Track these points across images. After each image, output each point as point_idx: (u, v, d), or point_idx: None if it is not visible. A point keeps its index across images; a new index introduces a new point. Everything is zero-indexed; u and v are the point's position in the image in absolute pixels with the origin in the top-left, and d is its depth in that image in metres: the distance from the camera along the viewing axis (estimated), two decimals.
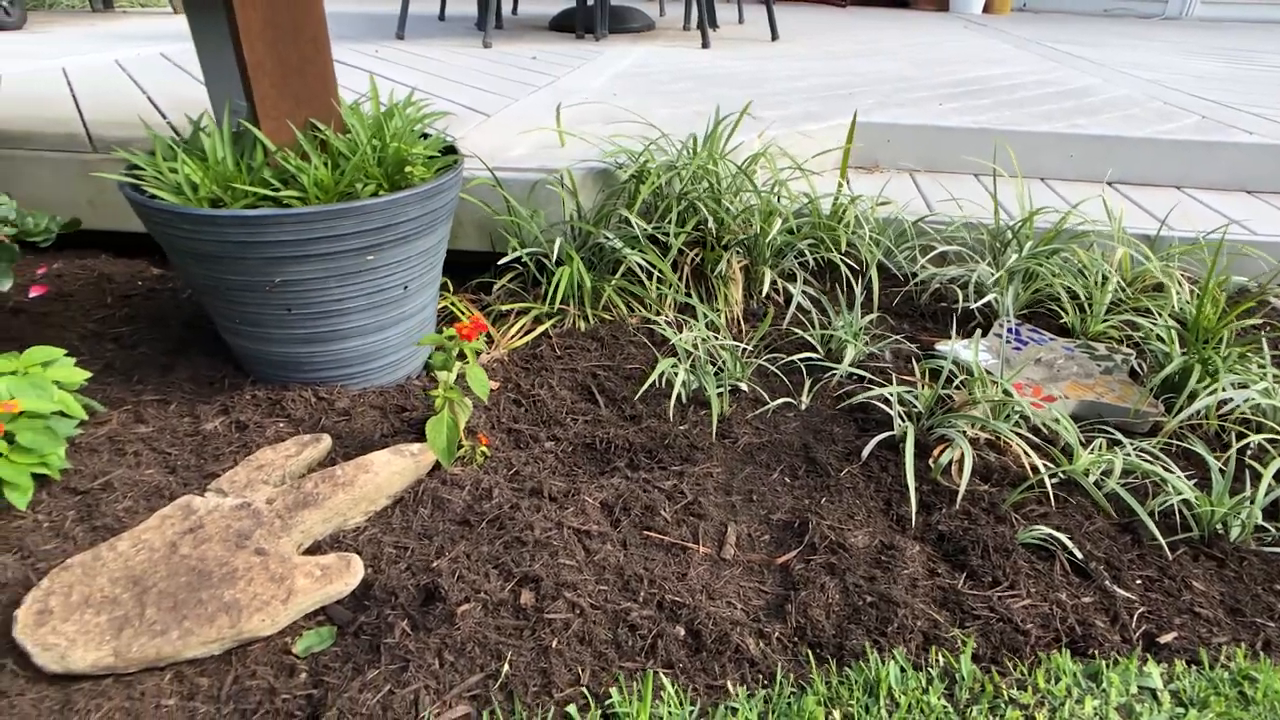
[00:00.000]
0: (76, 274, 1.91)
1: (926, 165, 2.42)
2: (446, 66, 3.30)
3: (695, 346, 1.54)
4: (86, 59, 3.32)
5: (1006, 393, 1.36)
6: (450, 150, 1.56)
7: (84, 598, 1.00)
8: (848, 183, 1.98)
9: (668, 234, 1.74)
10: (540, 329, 1.70)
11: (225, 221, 1.22)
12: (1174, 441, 1.38)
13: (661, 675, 0.94)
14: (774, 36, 4.58)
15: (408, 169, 1.38)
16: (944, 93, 2.95)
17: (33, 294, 1.78)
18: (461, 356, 1.26)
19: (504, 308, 1.76)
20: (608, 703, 0.91)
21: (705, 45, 4.14)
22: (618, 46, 4.08)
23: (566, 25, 4.69)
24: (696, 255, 1.83)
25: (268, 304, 1.35)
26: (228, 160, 1.32)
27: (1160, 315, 1.61)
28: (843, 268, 1.82)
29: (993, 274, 1.79)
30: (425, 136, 1.53)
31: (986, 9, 6.81)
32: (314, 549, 1.14)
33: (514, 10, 5.57)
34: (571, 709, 0.90)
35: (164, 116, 2.36)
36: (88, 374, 1.30)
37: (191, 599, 1.00)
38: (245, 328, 1.41)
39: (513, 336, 1.67)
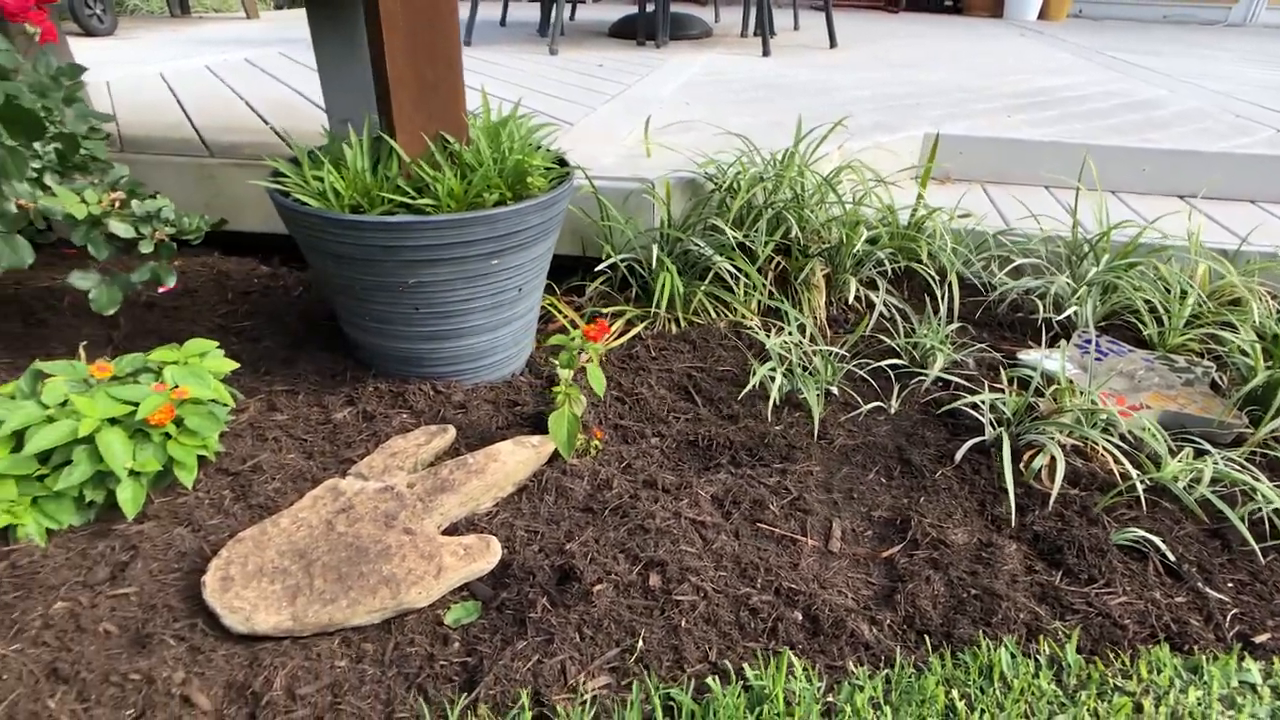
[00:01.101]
0: (197, 271, 2.04)
1: (998, 177, 2.47)
2: (518, 73, 3.41)
3: (789, 351, 1.62)
4: (178, 64, 3.49)
5: (1093, 402, 1.42)
6: (561, 162, 1.65)
7: (258, 568, 1.10)
8: (925, 195, 2.04)
9: (754, 242, 1.82)
10: (634, 331, 1.79)
11: (370, 227, 1.33)
12: (1259, 452, 1.43)
13: (792, 655, 1.02)
14: (832, 44, 4.63)
15: (528, 180, 1.47)
16: (1011, 104, 2.99)
17: (161, 290, 1.91)
18: (584, 356, 1.35)
19: (605, 310, 1.85)
20: (743, 677, 0.99)
21: (766, 53, 4.21)
22: (680, 54, 4.16)
23: (627, 32, 4.78)
24: (780, 263, 1.91)
25: (398, 303, 1.45)
26: (366, 170, 1.43)
27: (1242, 329, 1.65)
28: (926, 277, 1.88)
29: (1072, 286, 1.84)
30: (536, 148, 1.62)
31: (1042, 15, 6.78)
32: (451, 531, 1.23)
33: (571, 16, 5.69)
34: (711, 680, 0.98)
35: (265, 121, 2.50)
36: (235, 364, 1.42)
37: (353, 572, 1.10)
38: (373, 324, 1.51)
39: (609, 338, 1.76)
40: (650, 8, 4.48)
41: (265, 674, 0.99)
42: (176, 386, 1.29)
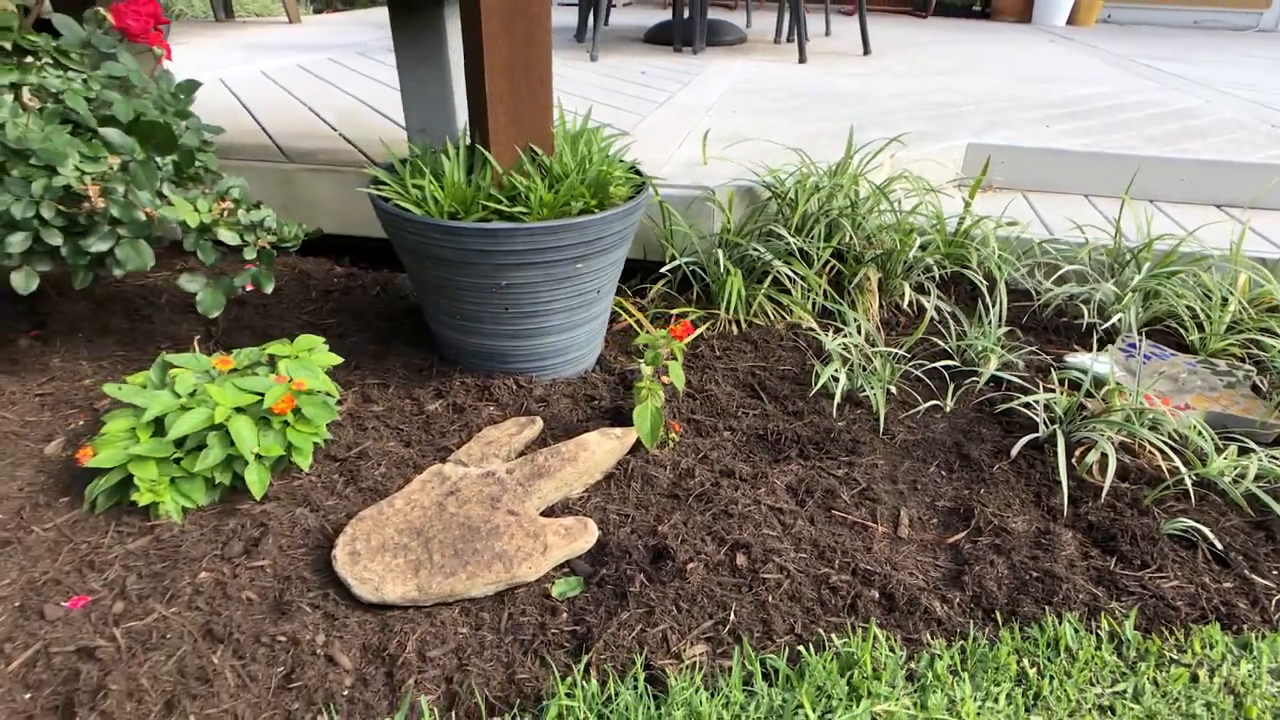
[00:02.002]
0: (280, 271, 2.16)
1: (1039, 185, 2.55)
2: (566, 80, 3.52)
3: (849, 351, 1.71)
4: (235, 70, 3.62)
5: (1141, 402, 1.51)
6: (635, 171, 1.76)
7: (380, 544, 1.22)
8: (969, 203, 2.13)
9: (811, 248, 1.92)
10: (697, 331, 1.89)
11: (470, 233, 1.44)
12: None
13: (875, 629, 1.12)
14: (866, 51, 4.71)
15: (610, 189, 1.58)
16: (1049, 113, 3.07)
17: (249, 288, 2.02)
18: (670, 355, 1.45)
19: (670, 311, 1.95)
20: (829, 647, 1.09)
21: (802, 60, 4.30)
22: (717, 60, 4.26)
23: (663, 38, 4.88)
24: (834, 267, 2.01)
25: (488, 303, 1.56)
26: (461, 180, 1.54)
27: None
28: (973, 282, 1.97)
29: (1115, 293, 1.93)
30: (609, 157, 1.73)
31: (1071, 20, 6.82)
32: (548, 513, 1.34)
33: (605, 22, 5.79)
34: (802, 649, 1.08)
35: (334, 129, 2.62)
36: (339, 359, 1.53)
37: (468, 549, 1.21)
38: (462, 323, 1.62)
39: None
40: (688, 14, 4.57)
41: (397, 638, 1.10)
42: (292, 379, 1.41)
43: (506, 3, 1.42)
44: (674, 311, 1.95)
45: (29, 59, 1.36)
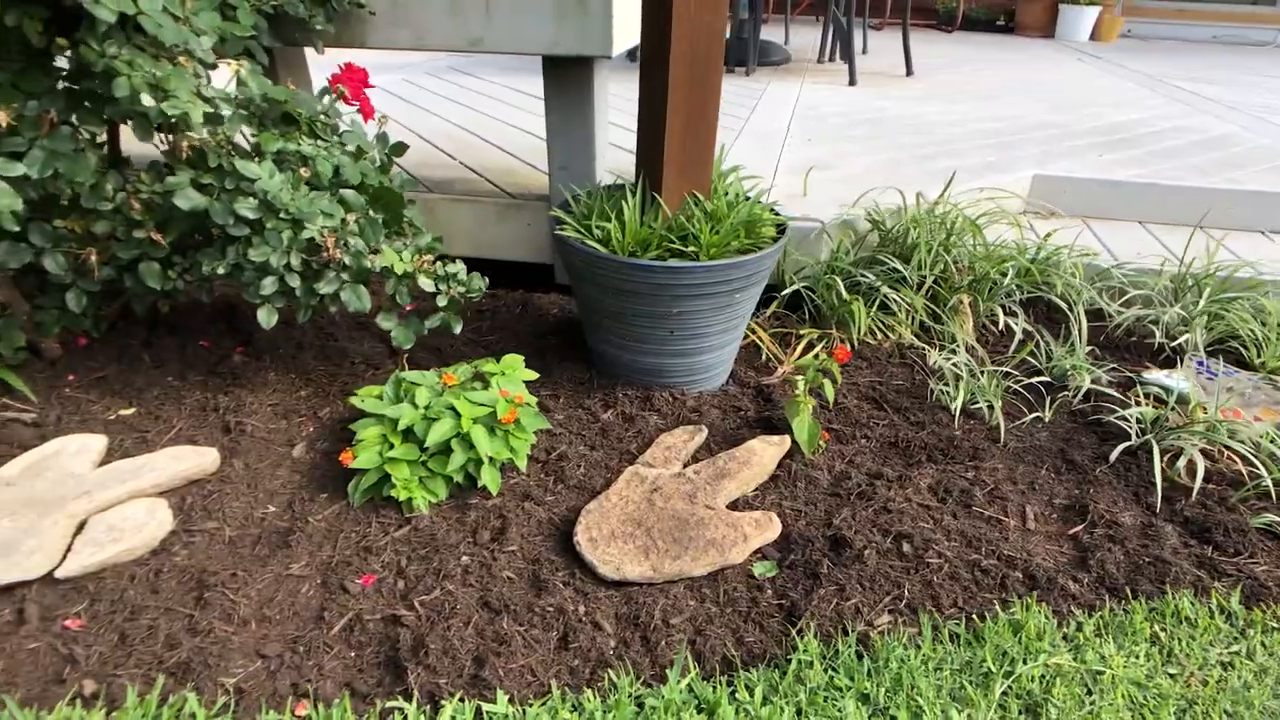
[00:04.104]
0: None
1: (1098, 213, 2.81)
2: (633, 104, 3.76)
3: (959, 368, 1.97)
4: None
5: (1219, 414, 1.77)
6: (773, 211, 2.01)
7: (610, 532, 1.47)
8: (1035, 228, 2.38)
9: (918, 274, 2.18)
10: (816, 349, 2.15)
11: (658, 270, 1.69)
12: None
13: (1033, 601, 1.37)
14: (909, 72, 4.96)
15: (759, 229, 1.84)
16: (1096, 142, 3.32)
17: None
18: (826, 373, 1.71)
19: (784, 331, 2.21)
20: (987, 617, 1.35)
21: (852, 82, 4.55)
22: (772, 83, 4.50)
23: None
24: (931, 290, 2.26)
25: (658, 327, 1.82)
26: (636, 221, 1.80)
27: None
28: (1050, 304, 2.23)
29: (1182, 315, 2.19)
30: (746, 198, 1.98)
31: (1093, 36, 7.07)
32: (730, 508, 1.60)
33: None
34: (975, 617, 1.34)
35: (452, 157, 2.87)
36: (535, 375, 1.79)
37: (684, 536, 1.46)
38: (632, 343, 1.88)
39: (798, 355, 2.12)
40: (744, 35, 4.82)
41: (644, 609, 1.36)
42: (510, 394, 1.66)
43: (689, 77, 1.68)
44: (801, 332, 2.21)
45: (291, 128, 1.61)
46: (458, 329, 1.86)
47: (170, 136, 1.55)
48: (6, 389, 1.80)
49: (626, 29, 2.01)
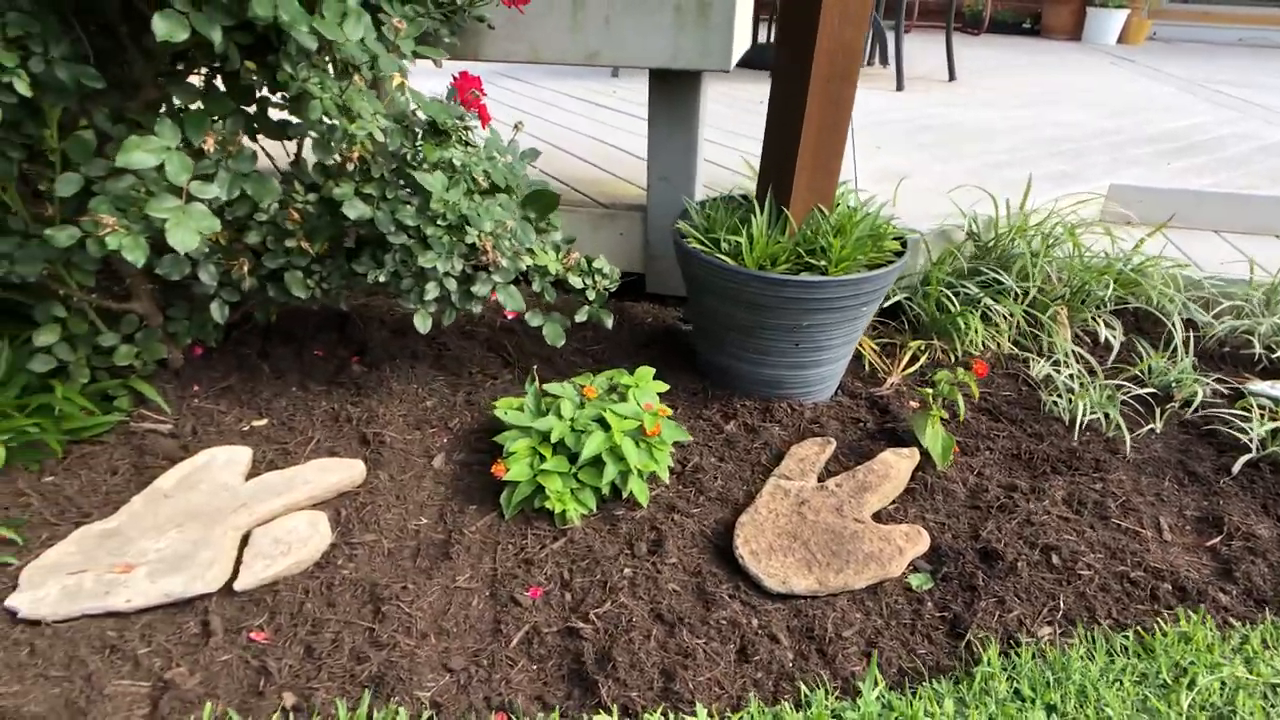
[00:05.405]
0: (532, 304, 2.44)
1: (1177, 221, 2.83)
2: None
3: (1072, 381, 2.00)
4: None
5: None
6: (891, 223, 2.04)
7: (768, 545, 1.50)
8: (1120, 238, 2.42)
9: (1020, 284, 2.20)
10: (922, 360, 2.17)
11: (791, 284, 1.72)
12: None
13: (1204, 613, 1.40)
14: (951, 77, 4.99)
15: (883, 243, 1.86)
16: (1161, 149, 3.36)
17: (510, 316, 2.30)
18: (962, 386, 1.74)
19: (888, 341, 2.24)
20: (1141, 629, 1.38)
21: (900, 87, 4.58)
22: None
23: (757, 62, 5.14)
24: (1026, 301, 2.29)
25: (781, 339, 1.84)
26: (764, 233, 1.82)
27: None
28: (1158, 316, 2.26)
29: (1278, 325, 2.22)
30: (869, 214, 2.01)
31: (1120, 40, 7.11)
32: (874, 521, 1.62)
33: None
34: (1140, 629, 1.37)
35: (540, 170, 2.88)
36: (666, 386, 1.81)
37: (841, 550, 1.49)
38: (751, 354, 1.90)
39: (904, 366, 2.14)
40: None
41: (815, 622, 1.38)
42: (652, 407, 1.69)
43: (826, 92, 1.70)
44: (907, 343, 2.23)
45: (441, 138, 1.63)
46: (609, 323, 1.88)
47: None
48: (140, 400, 1.82)
49: (741, 41, 2.04)
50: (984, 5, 7.39)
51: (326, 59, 1.37)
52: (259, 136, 1.58)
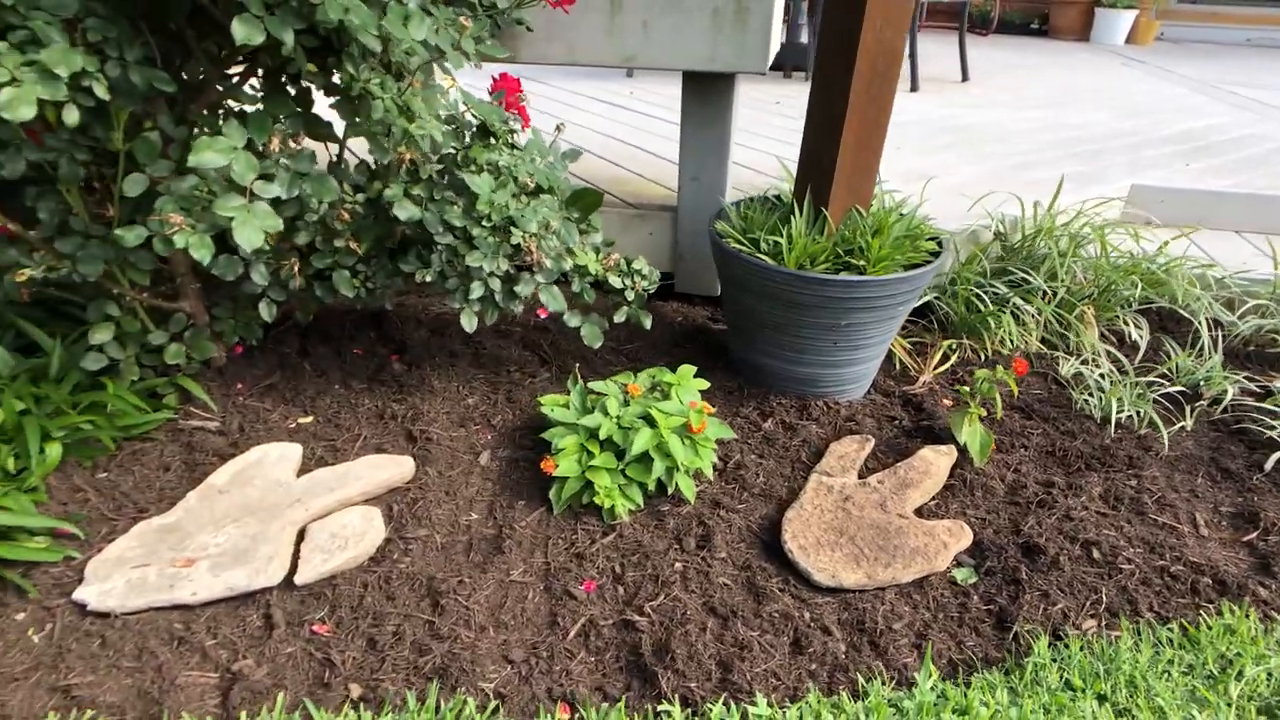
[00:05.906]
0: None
1: (1195, 222, 2.86)
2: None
3: (1103, 379, 2.03)
4: None
5: None
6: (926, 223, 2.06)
7: (816, 540, 1.53)
8: (1141, 238, 2.45)
9: (1048, 285, 2.23)
10: (953, 359, 2.20)
11: (832, 284, 1.75)
12: None
13: (1248, 606, 1.43)
14: (964, 78, 5.02)
15: (919, 244, 1.89)
16: (1178, 150, 3.38)
17: (542, 315, 2.33)
18: (1002, 384, 1.77)
19: (917, 340, 2.27)
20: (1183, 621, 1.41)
21: (914, 88, 4.61)
22: None
23: (774, 63, 5.16)
24: (1051, 300, 2.32)
25: (819, 338, 1.87)
26: (803, 234, 1.85)
27: None
28: (1184, 315, 2.29)
29: None
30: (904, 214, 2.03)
31: (1129, 40, 7.13)
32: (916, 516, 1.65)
33: None
34: (1184, 622, 1.40)
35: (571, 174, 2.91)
36: (706, 384, 1.84)
37: (888, 545, 1.52)
38: (788, 353, 1.93)
39: (935, 364, 2.17)
40: (803, 39, 4.86)
41: (865, 615, 1.41)
42: (695, 404, 1.71)
43: (867, 94, 1.73)
44: (937, 341, 2.26)
45: (487, 140, 1.66)
46: (647, 324, 1.90)
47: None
48: (186, 397, 1.85)
49: (775, 44, 2.07)
50: (992, 6, 7.42)
51: (383, 60, 1.39)
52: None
